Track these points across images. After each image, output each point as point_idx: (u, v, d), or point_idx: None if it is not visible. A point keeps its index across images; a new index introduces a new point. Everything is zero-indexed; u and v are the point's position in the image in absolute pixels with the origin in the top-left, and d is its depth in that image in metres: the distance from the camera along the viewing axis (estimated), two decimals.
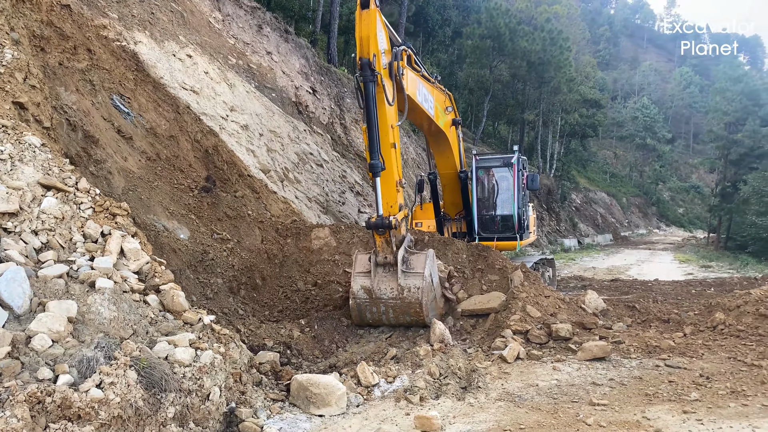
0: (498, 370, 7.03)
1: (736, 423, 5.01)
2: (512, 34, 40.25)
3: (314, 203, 15.91)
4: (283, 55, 19.59)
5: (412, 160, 27.22)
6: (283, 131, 16.63)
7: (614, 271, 24.09)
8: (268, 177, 14.31)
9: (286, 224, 11.88)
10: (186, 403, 4.78)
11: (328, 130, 20.30)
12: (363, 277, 8.77)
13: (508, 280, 10.14)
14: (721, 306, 9.12)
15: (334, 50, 28.20)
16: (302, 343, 8.13)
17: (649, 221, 69.74)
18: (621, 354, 7.59)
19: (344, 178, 18.77)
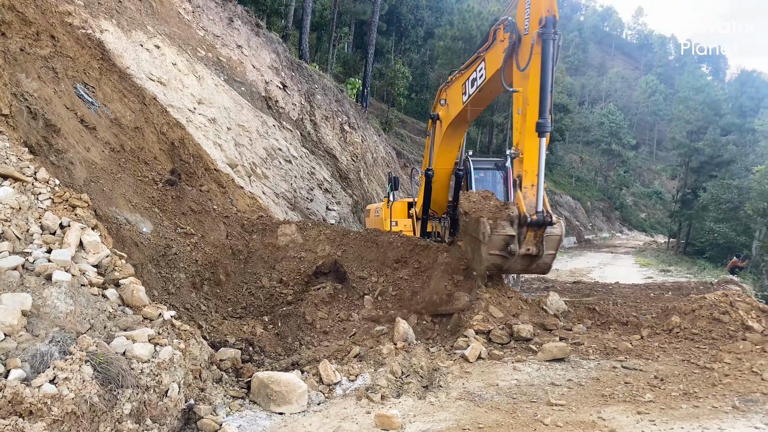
0: (459, 370, 7.09)
1: (687, 424, 5.16)
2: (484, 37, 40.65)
3: (282, 199, 15.82)
4: (253, 49, 19.41)
5: (381, 159, 27.28)
6: (252, 126, 16.48)
7: (577, 274, 24.50)
8: (236, 172, 14.17)
9: (252, 220, 11.78)
10: (143, 399, 4.71)
11: (298, 126, 20.20)
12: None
13: (473, 280, 10.24)
14: (677, 310, 9.36)
15: (305, 46, 28.07)
16: (265, 340, 8.08)
17: (612, 225, 71.23)
18: (580, 355, 7.73)
19: (313, 175, 18.70)
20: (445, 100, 12.24)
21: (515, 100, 9.20)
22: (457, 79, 11.75)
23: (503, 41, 9.43)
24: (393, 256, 11.13)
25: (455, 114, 12.06)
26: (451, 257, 10.81)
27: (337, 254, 10.97)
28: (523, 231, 8.77)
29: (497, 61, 9.73)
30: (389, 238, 11.42)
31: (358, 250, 11.18)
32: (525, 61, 8.78)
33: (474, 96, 10.95)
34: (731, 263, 30.19)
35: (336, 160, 21.46)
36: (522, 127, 8.95)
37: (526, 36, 8.85)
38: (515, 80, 9.17)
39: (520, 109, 9.00)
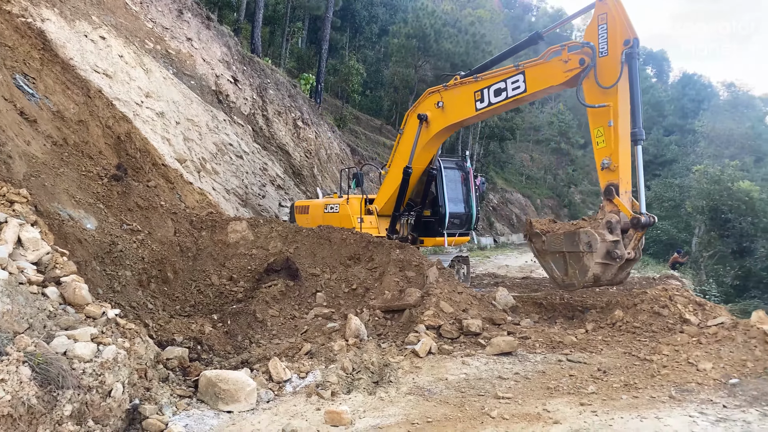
0: (410, 365, 7.16)
1: (627, 414, 5.35)
2: (437, 36, 40.97)
3: (233, 195, 15.58)
4: (204, 43, 19.03)
5: (335, 155, 27.18)
6: (202, 120, 16.17)
7: (526, 269, 24.97)
8: (184, 167, 13.89)
9: (202, 216, 11.57)
10: (85, 400, 4.58)
11: (250, 121, 19.92)
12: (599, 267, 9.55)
13: (424, 276, 10.34)
14: (620, 304, 9.69)
15: (258, 40, 27.71)
16: (214, 339, 7.96)
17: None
18: (527, 349, 7.92)
19: (265, 171, 18.49)
20: (442, 103, 12.30)
21: (600, 115, 9.84)
22: (467, 85, 11.91)
23: (568, 61, 10.13)
24: (346, 253, 11.14)
25: (457, 119, 12.38)
26: (404, 254, 10.90)
27: (290, 251, 10.90)
28: (630, 234, 9.55)
29: (550, 79, 10.59)
30: (342, 235, 11.41)
31: (310, 247, 11.13)
32: (608, 79, 9.63)
33: (500, 105, 11.47)
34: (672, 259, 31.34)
35: (289, 156, 21.26)
36: (614, 138, 9.64)
37: (605, 57, 9.74)
38: (593, 96, 9.91)
39: (610, 121, 9.64)
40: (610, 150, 9.67)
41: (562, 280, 10.02)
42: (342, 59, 45.80)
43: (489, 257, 31.82)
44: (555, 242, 10.15)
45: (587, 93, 10.01)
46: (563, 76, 10.28)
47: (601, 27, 9.85)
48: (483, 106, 11.52)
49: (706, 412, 5.31)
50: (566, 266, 9.92)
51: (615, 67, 9.70)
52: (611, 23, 9.76)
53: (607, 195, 9.66)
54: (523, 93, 10.99)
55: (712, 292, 23.28)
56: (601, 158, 9.77)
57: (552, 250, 10.21)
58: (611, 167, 9.64)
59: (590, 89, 9.95)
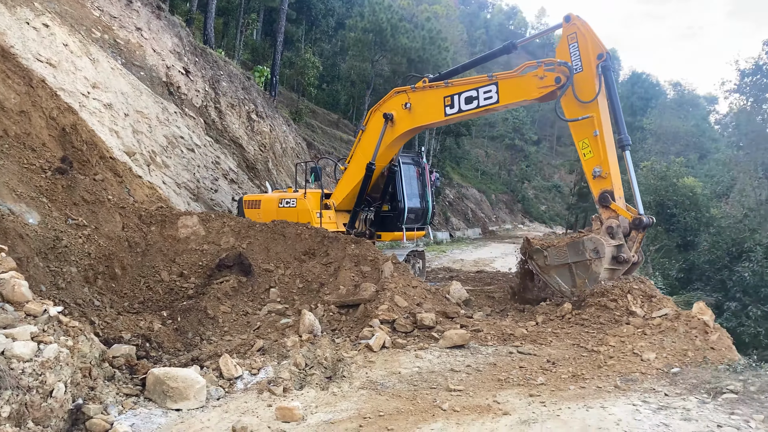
0: (364, 359, 7.17)
1: (574, 404, 5.48)
2: (394, 30, 40.97)
3: (184, 190, 15.24)
4: (154, 33, 18.51)
5: (291, 149, 26.90)
6: (152, 112, 15.74)
7: (480, 263, 25.34)
8: (133, 160, 13.51)
9: (151, 211, 11.27)
10: (24, 401, 4.41)
11: (202, 114, 19.50)
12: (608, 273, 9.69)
13: (380, 271, 10.36)
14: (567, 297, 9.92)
15: (210, 31, 27.17)
16: (163, 336, 7.78)
17: (515, 217, 74.20)
18: (479, 341, 8.03)
19: (218, 165, 18.15)
20: (409, 105, 12.26)
21: (584, 127, 10.15)
22: (437, 89, 11.95)
23: (543, 78, 10.38)
24: (301, 248, 11.05)
25: (425, 122, 12.56)
26: (360, 249, 10.89)
27: (242, 246, 10.74)
28: (632, 236, 9.81)
29: (524, 93, 10.87)
30: (297, 230, 11.30)
31: (264, 243, 10.99)
32: (587, 93, 10.02)
33: (471, 113, 11.66)
34: None
35: (243, 149, 20.92)
36: (601, 147, 9.97)
37: (581, 73, 10.13)
38: (572, 111, 10.24)
39: (596, 131, 9.99)
40: (599, 159, 9.98)
41: (572, 293, 9.97)
42: (298, 52, 45.34)
43: (445, 252, 32.12)
44: (559, 255, 10.20)
45: (566, 109, 10.32)
46: (537, 92, 10.56)
47: (572, 45, 10.26)
48: (453, 112, 11.63)
49: (648, 400, 5.49)
50: (573, 277, 9.95)
51: (592, 81, 10.09)
52: (581, 41, 10.18)
53: (603, 202, 9.92)
54: (495, 104, 11.18)
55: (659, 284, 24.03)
56: (592, 168, 10.06)
57: (556, 263, 10.23)
58: (603, 175, 9.93)
59: (569, 105, 10.25)
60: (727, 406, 5.23)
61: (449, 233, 46.06)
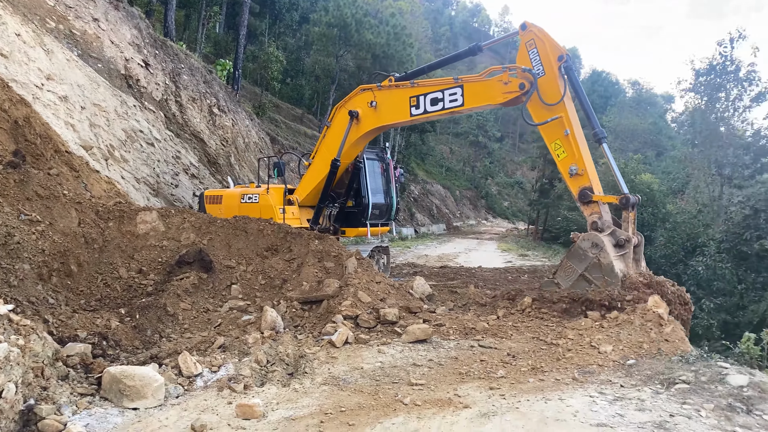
0: (326, 355, 7.14)
1: (533, 396, 5.57)
2: (358, 25, 40.85)
3: (143, 185, 14.92)
4: (112, 24, 18.04)
5: (254, 144, 26.60)
6: (110, 105, 15.35)
7: (444, 259, 25.56)
8: (90, 154, 13.15)
9: (109, 206, 11.00)
10: None
11: (162, 108, 19.10)
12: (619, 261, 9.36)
13: (343, 267, 10.34)
14: (529, 291, 10.08)
15: (171, 23, 26.64)
16: (121, 334, 7.61)
17: (479, 213, 75.04)
18: (441, 336, 8.09)
19: (178, 160, 17.82)
20: (375, 103, 12.20)
21: (554, 129, 10.18)
22: (404, 89, 11.91)
23: (508, 83, 10.42)
24: (263, 244, 10.94)
25: (390, 121, 12.51)
26: (323, 245, 10.84)
27: (203, 243, 10.57)
28: (624, 217, 9.76)
29: (488, 98, 10.91)
30: (259, 226, 11.19)
31: (225, 239, 10.85)
32: (552, 96, 10.10)
33: (436, 114, 11.66)
34: None
35: (204, 144, 20.58)
36: (574, 145, 10.00)
37: (543, 77, 10.22)
38: (540, 115, 10.30)
39: (567, 130, 10.02)
40: (573, 157, 10.03)
41: (601, 291, 9.36)
42: (261, 46, 44.83)
43: (410, 247, 32.28)
44: (567, 274, 9.75)
45: (534, 113, 10.41)
46: (502, 97, 10.62)
47: (531, 52, 10.40)
48: (418, 112, 11.66)
49: (605, 392, 5.61)
50: (593, 282, 9.47)
51: (555, 83, 10.20)
52: (540, 46, 10.33)
53: (583, 198, 9.90)
54: (460, 106, 11.22)
55: None
56: (567, 167, 10.07)
57: (571, 282, 9.65)
58: (579, 172, 9.96)
59: (536, 109, 10.35)
60: (679, 396, 5.38)
61: (414, 229, 46.30)
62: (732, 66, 27.48)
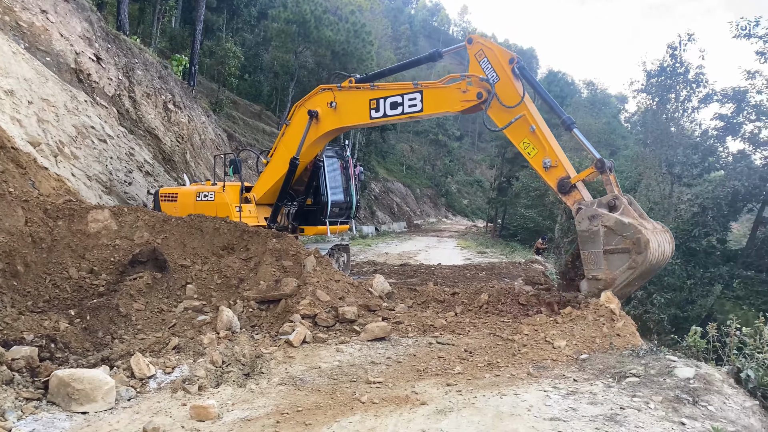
0: (283, 355, 7.08)
1: (488, 392, 5.63)
2: (317, 22, 40.61)
3: (95, 182, 14.49)
4: (61, 16, 17.44)
5: (210, 141, 26.15)
6: (59, 100, 14.85)
7: (404, 257, 25.65)
8: (39, 151, 12.70)
9: (58, 204, 10.64)
10: None
11: (115, 103, 18.58)
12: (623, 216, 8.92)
13: (302, 266, 10.27)
14: (486, 288, 10.21)
15: (125, 17, 25.95)
16: (70, 336, 7.37)
17: (439, 211, 75.67)
18: (400, 333, 8.11)
19: (132, 156, 17.37)
20: (335, 104, 12.09)
21: (519, 128, 10.16)
22: (364, 91, 11.84)
23: (466, 92, 10.46)
24: (219, 243, 10.77)
25: (350, 123, 12.41)
26: (281, 243, 10.74)
27: (157, 241, 10.33)
28: (604, 180, 9.68)
29: (446, 105, 10.94)
30: (215, 225, 11.01)
31: (180, 237, 10.63)
32: (511, 98, 10.14)
33: (395, 118, 11.62)
34: (537, 245, 33.64)
35: (159, 140, 20.11)
36: (542, 138, 9.98)
37: (499, 82, 10.30)
38: (502, 118, 10.29)
39: (532, 126, 10.02)
40: (544, 151, 10.02)
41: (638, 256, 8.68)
42: (218, 41, 44.09)
43: (370, 245, 32.29)
44: (595, 262, 8.96)
45: (495, 118, 10.43)
46: (460, 105, 10.67)
47: (482, 61, 10.49)
48: (378, 115, 11.66)
49: (558, 386, 5.72)
50: (619, 250, 8.76)
51: (511, 85, 10.26)
52: (489, 54, 10.44)
53: (563, 189, 9.78)
54: (419, 112, 11.25)
55: None
56: (540, 162, 10.02)
57: (605, 266, 8.89)
58: (553, 164, 9.91)
59: (497, 114, 10.37)
60: (629, 389, 5.52)
61: (375, 227, 46.35)
62: (681, 68, 28.36)
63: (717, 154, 26.54)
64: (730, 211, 23.80)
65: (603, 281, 8.77)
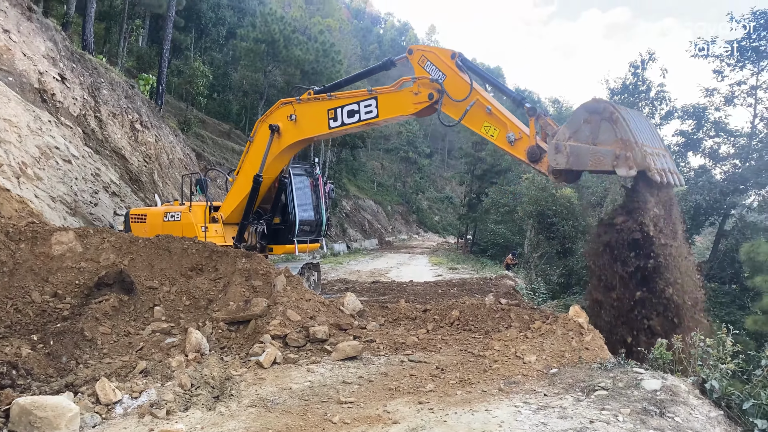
0: (253, 377, 6.99)
1: (460, 408, 5.64)
2: (286, 42, 40.75)
3: (59, 203, 14.20)
4: (24, 36, 17.17)
5: (178, 160, 25.89)
6: (22, 121, 14.57)
7: (376, 274, 25.65)
8: (1, 172, 12.42)
9: (20, 227, 10.40)
10: None
11: (80, 123, 18.29)
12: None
13: (272, 285, 10.18)
14: (457, 305, 10.26)
15: (90, 36, 25.66)
16: (33, 362, 7.17)
17: (410, 227, 75.89)
18: (371, 352, 8.08)
19: (98, 177, 17.08)
20: (294, 117, 12.13)
21: (476, 114, 10.18)
22: (321, 102, 11.93)
23: (418, 94, 10.73)
24: (188, 263, 10.61)
25: (310, 135, 12.42)
26: (251, 263, 10.64)
27: (124, 263, 10.14)
28: (540, 123, 9.60)
29: (400, 108, 11.13)
30: (183, 245, 10.86)
31: (147, 259, 10.45)
32: (460, 91, 10.25)
33: (353, 126, 11.80)
34: (506, 260, 33.98)
35: (125, 160, 19.84)
36: (501, 115, 9.99)
37: (447, 79, 10.43)
38: (457, 110, 10.39)
39: (488, 107, 10.05)
40: (505, 127, 9.95)
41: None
42: (186, 60, 43.89)
43: (342, 263, 32.20)
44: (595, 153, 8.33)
45: (451, 113, 10.55)
46: (413, 108, 10.87)
47: (426, 66, 10.73)
48: (336, 125, 11.77)
49: (529, 401, 5.77)
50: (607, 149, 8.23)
51: (458, 78, 10.44)
52: (431, 57, 10.70)
53: (533, 157, 9.54)
54: (375, 118, 11.40)
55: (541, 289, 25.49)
56: (504, 139, 9.88)
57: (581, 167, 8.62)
58: (518, 136, 9.77)
59: (451, 108, 10.51)
60: (598, 403, 5.59)
61: (346, 244, 46.27)
62: (643, 86, 29.16)
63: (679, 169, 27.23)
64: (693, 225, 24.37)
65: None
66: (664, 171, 8.50)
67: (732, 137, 25.65)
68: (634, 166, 8.00)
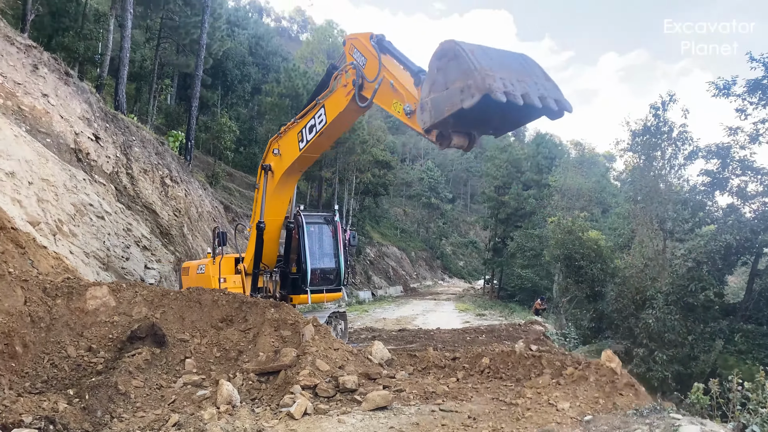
0: (285, 428, 7.00)
1: None
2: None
3: (93, 259, 14.59)
4: (62, 99, 18.01)
5: (207, 213, 26.45)
6: (59, 180, 15.15)
7: (402, 321, 25.51)
8: (38, 230, 12.86)
9: (57, 283, 10.69)
10: None
11: (112, 180, 18.93)
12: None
13: (300, 335, 10.24)
14: (487, 352, 10.18)
15: (122, 96, 26.74)
16: (69, 416, 7.29)
17: (435, 273, 75.50)
18: (402, 402, 8.04)
19: (129, 232, 17.54)
20: (278, 150, 12.65)
21: (385, 92, 9.71)
22: (292, 129, 12.49)
23: (347, 85, 10.66)
24: (218, 315, 10.77)
25: (290, 162, 12.74)
26: (279, 313, 10.74)
27: (156, 316, 10.33)
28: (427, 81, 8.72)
29: (339, 105, 11.09)
30: (213, 297, 11.04)
31: (179, 311, 10.64)
32: (373, 72, 9.96)
33: (313, 141, 11.92)
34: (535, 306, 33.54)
35: (156, 215, 20.37)
36: (403, 88, 9.19)
37: (367, 63, 10.26)
38: (371, 93, 10.15)
39: (390, 82, 9.53)
40: (403, 98, 9.20)
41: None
42: (214, 116, 45.26)
43: (367, 311, 32.10)
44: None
45: (368, 93, 10.33)
46: (346, 99, 10.90)
47: (354, 53, 10.65)
48: (303, 144, 12.16)
49: None
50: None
51: (375, 62, 10.05)
52: (357, 43, 10.63)
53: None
54: (325, 124, 11.56)
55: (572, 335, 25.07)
56: (401, 111, 9.14)
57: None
58: (414, 107, 8.57)
59: (370, 92, 10.24)
60: None
61: (371, 292, 46.15)
62: (665, 127, 29.12)
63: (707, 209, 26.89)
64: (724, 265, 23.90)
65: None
66: (514, 93, 6.80)
67: (759, 175, 25.32)
68: (476, 92, 6.70)
